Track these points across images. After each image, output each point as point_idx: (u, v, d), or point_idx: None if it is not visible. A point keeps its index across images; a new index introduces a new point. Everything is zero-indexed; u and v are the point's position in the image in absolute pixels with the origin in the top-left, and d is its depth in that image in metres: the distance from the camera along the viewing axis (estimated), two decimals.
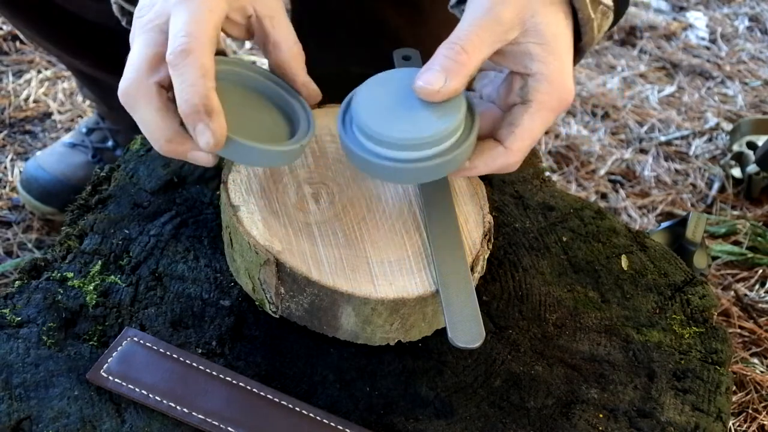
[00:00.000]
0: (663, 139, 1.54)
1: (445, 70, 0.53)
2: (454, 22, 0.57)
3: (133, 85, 0.55)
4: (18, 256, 1.15)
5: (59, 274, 0.62)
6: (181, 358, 0.57)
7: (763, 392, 1.03)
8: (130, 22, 0.68)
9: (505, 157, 0.57)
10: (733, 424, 0.99)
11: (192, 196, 0.70)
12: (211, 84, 0.52)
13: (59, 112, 1.43)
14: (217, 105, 0.52)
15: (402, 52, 0.70)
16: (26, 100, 1.44)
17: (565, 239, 0.71)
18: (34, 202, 1.20)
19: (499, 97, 0.60)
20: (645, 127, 1.57)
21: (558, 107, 0.56)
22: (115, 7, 0.66)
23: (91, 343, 0.58)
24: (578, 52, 0.63)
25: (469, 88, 0.63)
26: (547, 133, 1.52)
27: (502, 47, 0.55)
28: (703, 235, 1.09)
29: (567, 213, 0.74)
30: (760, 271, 1.22)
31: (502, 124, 0.57)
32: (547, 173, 0.81)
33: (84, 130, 1.25)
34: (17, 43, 1.57)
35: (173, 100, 0.54)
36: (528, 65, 0.56)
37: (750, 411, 1.01)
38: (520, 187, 0.76)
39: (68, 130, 1.38)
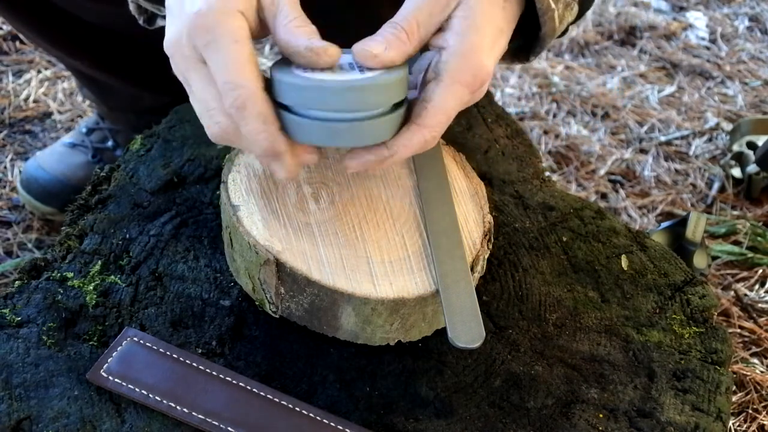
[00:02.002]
0: (663, 139, 1.54)
1: (386, 41, 0.54)
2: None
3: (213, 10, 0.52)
4: (18, 256, 1.15)
5: (59, 274, 0.62)
6: (181, 358, 0.57)
7: (763, 392, 1.03)
8: (147, 20, 0.68)
9: (421, 134, 0.56)
10: (733, 424, 0.99)
11: (192, 196, 0.70)
12: (273, 127, 0.52)
13: (59, 112, 1.43)
14: (284, 146, 0.53)
15: None
16: (26, 100, 1.44)
17: (565, 239, 0.71)
18: (34, 202, 1.20)
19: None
20: (645, 127, 1.57)
21: (472, 83, 0.55)
22: (131, 6, 0.66)
23: (91, 343, 0.58)
24: (539, 43, 0.63)
25: None
26: (546, 133, 1.52)
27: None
28: (703, 235, 1.09)
29: (567, 213, 0.74)
30: (760, 271, 1.22)
31: (416, 103, 0.57)
32: (547, 173, 0.81)
33: (84, 130, 1.25)
34: (17, 43, 1.57)
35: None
36: (447, 38, 0.55)
37: (750, 411, 1.01)
38: (520, 187, 0.76)
39: (68, 130, 1.38)
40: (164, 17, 0.56)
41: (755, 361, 1.08)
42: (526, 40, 0.63)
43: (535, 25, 0.61)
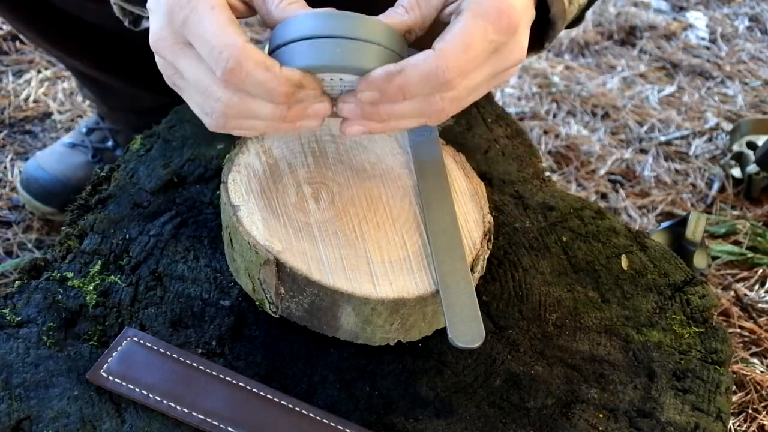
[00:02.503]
0: (663, 139, 1.54)
1: (410, 4, 0.53)
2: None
3: None
4: (18, 256, 1.15)
5: (59, 274, 0.62)
6: (181, 358, 0.57)
7: (763, 392, 1.03)
8: (132, 22, 0.68)
9: (435, 60, 0.50)
10: (733, 424, 0.99)
11: (192, 196, 0.70)
12: (277, 67, 0.50)
13: (59, 112, 1.43)
14: (298, 75, 0.50)
15: None
16: (26, 100, 1.44)
17: (565, 239, 0.71)
18: (34, 202, 1.20)
19: None
20: (645, 127, 1.57)
21: (497, 19, 0.51)
22: (115, 8, 0.66)
23: (91, 343, 0.58)
24: (550, 28, 0.61)
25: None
26: (546, 133, 1.52)
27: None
28: (703, 235, 1.09)
29: (567, 213, 0.74)
30: (760, 271, 1.22)
31: (437, 40, 0.53)
32: (547, 173, 0.81)
33: (84, 130, 1.25)
34: (17, 43, 1.57)
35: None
36: None
37: (750, 411, 1.01)
38: (520, 187, 0.76)
39: (68, 130, 1.38)
40: (149, 18, 0.55)
41: (755, 361, 1.08)
42: (540, 26, 0.61)
43: (545, 10, 0.59)
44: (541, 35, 0.62)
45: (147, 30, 0.69)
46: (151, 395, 0.54)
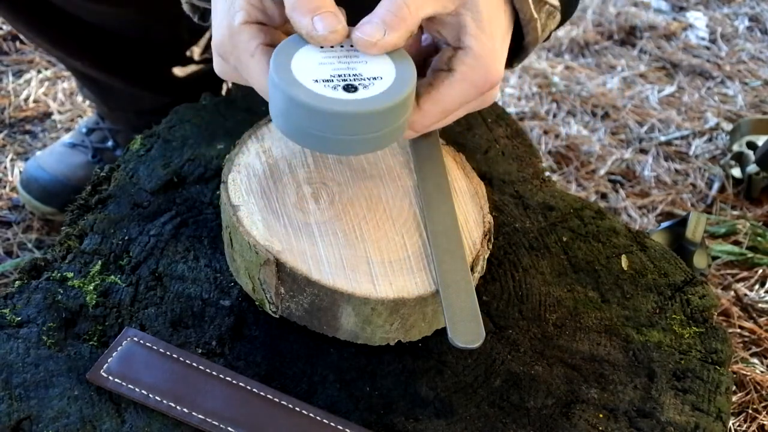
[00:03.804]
0: (663, 139, 1.54)
1: (384, 23, 0.53)
2: None
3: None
4: (18, 256, 1.15)
5: (59, 274, 0.62)
6: (181, 358, 0.57)
7: (763, 392, 1.03)
8: (201, 17, 0.69)
9: (415, 115, 0.57)
10: (733, 424, 0.99)
11: (192, 196, 0.70)
12: None
13: (59, 112, 1.43)
14: None
15: None
16: (26, 100, 1.45)
17: (565, 239, 0.71)
18: (34, 202, 1.20)
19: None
20: (645, 127, 1.57)
21: (482, 85, 0.56)
22: (186, 7, 0.67)
23: (91, 343, 0.58)
24: (522, 51, 0.63)
25: None
26: (546, 133, 1.52)
27: (441, 16, 0.55)
28: (703, 235, 1.09)
29: (567, 213, 0.74)
30: (760, 271, 1.22)
31: (421, 84, 0.57)
32: (547, 173, 0.81)
33: (84, 130, 1.25)
34: (17, 43, 1.57)
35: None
36: (461, 38, 0.56)
37: (750, 411, 1.01)
38: (520, 187, 0.76)
39: (68, 130, 1.38)
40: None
41: (755, 361, 1.08)
42: (510, 47, 0.63)
43: (518, 34, 0.61)
44: (512, 55, 0.64)
45: (149, 31, 0.70)
46: (151, 395, 0.54)
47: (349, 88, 0.52)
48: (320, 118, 0.52)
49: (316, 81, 0.52)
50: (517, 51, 0.63)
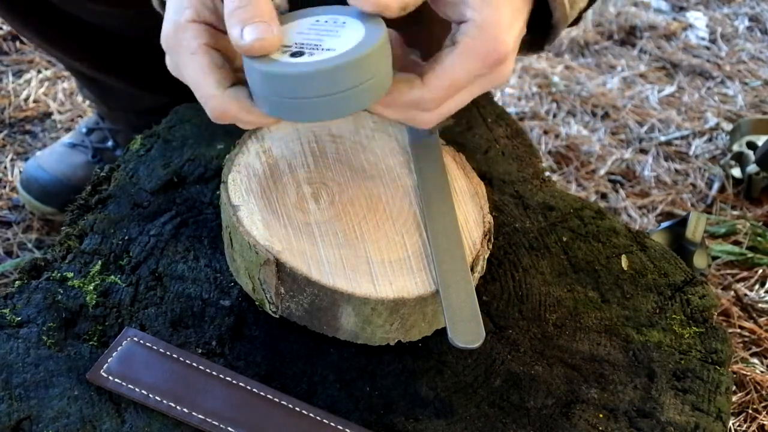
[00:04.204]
0: (663, 139, 1.54)
1: None
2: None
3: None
4: (18, 256, 1.15)
5: (59, 274, 0.62)
6: (181, 358, 0.57)
7: (763, 392, 1.03)
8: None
9: (420, 91, 0.55)
10: (733, 424, 0.99)
11: (192, 196, 0.70)
12: (256, 112, 0.54)
13: (59, 112, 1.43)
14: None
15: None
16: (26, 100, 1.44)
17: (565, 239, 0.71)
18: (34, 202, 1.20)
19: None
20: (645, 127, 1.57)
21: (486, 57, 0.54)
22: (155, 2, 0.66)
23: (91, 343, 0.58)
24: (552, 31, 0.62)
25: None
26: (546, 133, 1.52)
27: None
28: (703, 235, 1.09)
29: (567, 213, 0.74)
30: (760, 271, 1.22)
31: (428, 62, 0.56)
32: (547, 173, 0.81)
33: (84, 130, 1.25)
34: (17, 43, 1.57)
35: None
36: (463, 12, 0.54)
37: (750, 411, 1.01)
38: (520, 187, 0.76)
39: (68, 130, 1.38)
40: None
41: (755, 361, 1.08)
42: (541, 29, 0.62)
43: (547, 14, 0.60)
44: (541, 36, 0.63)
45: (150, 31, 0.70)
46: (151, 395, 0.54)
47: (296, 55, 0.52)
48: (294, 84, 0.51)
49: (278, 50, 0.52)
50: (546, 31, 0.62)
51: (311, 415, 0.55)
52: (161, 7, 0.67)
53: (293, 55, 0.52)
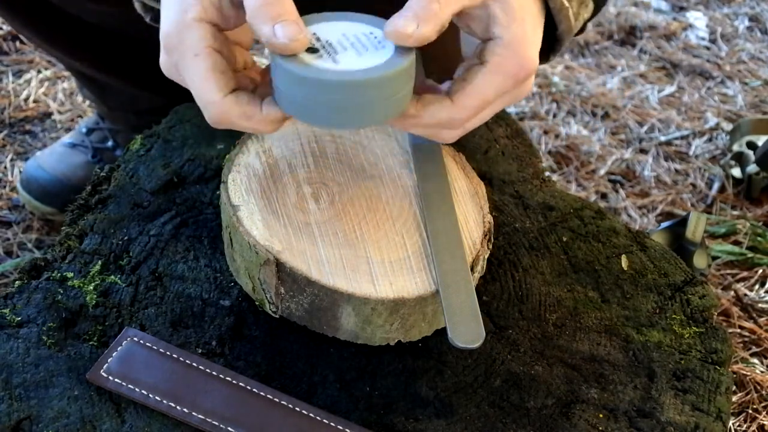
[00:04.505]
0: (663, 139, 1.54)
1: (417, 17, 0.52)
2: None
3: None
4: (18, 256, 1.15)
5: (59, 274, 0.62)
6: (181, 358, 0.57)
7: (763, 392, 1.03)
8: (153, 19, 0.68)
9: (450, 111, 0.55)
10: (733, 424, 0.99)
11: (192, 196, 0.70)
12: (258, 117, 0.53)
13: (59, 112, 1.43)
14: (278, 122, 0.54)
15: None
16: (26, 100, 1.44)
17: (565, 239, 0.71)
18: (34, 202, 1.20)
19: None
20: (645, 127, 1.57)
21: (516, 74, 0.55)
22: (137, 5, 0.66)
23: (91, 343, 0.58)
24: (557, 43, 0.62)
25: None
26: (546, 133, 1.52)
27: (470, 8, 0.54)
28: (703, 235, 1.09)
29: (567, 213, 0.74)
30: (760, 271, 1.22)
31: (455, 81, 0.56)
32: (547, 173, 0.81)
33: (84, 130, 1.25)
34: (17, 43, 1.57)
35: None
36: (491, 29, 0.55)
37: (750, 411, 1.01)
38: (520, 187, 0.76)
39: (68, 130, 1.38)
40: None
41: (755, 361, 1.08)
42: (546, 41, 0.62)
43: (551, 25, 0.60)
44: (547, 48, 0.63)
45: (150, 31, 0.69)
46: (151, 395, 0.54)
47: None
48: (324, 89, 0.51)
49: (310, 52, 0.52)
50: (551, 43, 0.62)
51: (311, 415, 0.55)
52: (145, 11, 0.66)
53: (319, 55, 0.52)
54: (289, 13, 0.51)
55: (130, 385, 0.55)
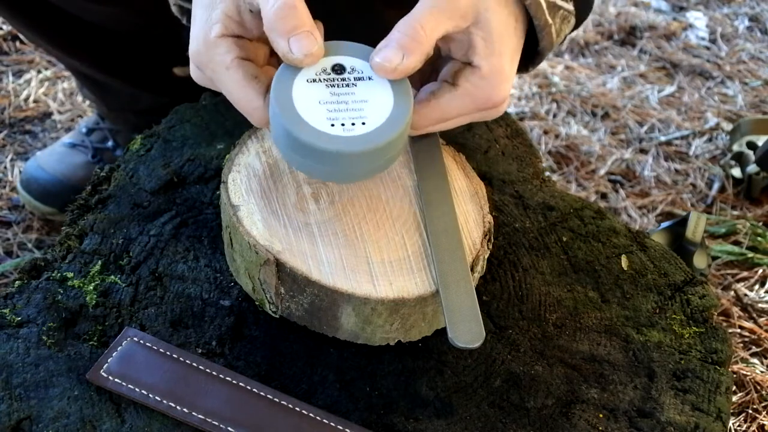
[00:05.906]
0: (663, 139, 1.54)
1: (402, 47, 0.53)
2: None
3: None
4: (18, 256, 1.15)
5: (59, 274, 0.62)
6: (181, 358, 0.57)
7: (763, 392, 1.03)
8: (189, 21, 0.69)
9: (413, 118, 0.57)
10: (733, 424, 0.99)
11: (192, 196, 0.70)
12: None
13: (59, 112, 1.43)
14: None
15: None
16: (26, 100, 1.44)
17: (565, 239, 0.71)
18: (34, 202, 1.20)
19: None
20: (645, 127, 1.57)
21: (483, 104, 0.57)
22: (174, 9, 0.67)
23: (91, 343, 0.58)
24: (537, 56, 0.63)
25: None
26: (546, 133, 1.52)
27: (452, 33, 0.55)
28: (703, 235, 1.09)
29: (567, 213, 0.74)
30: (760, 271, 1.22)
31: (423, 90, 0.58)
32: (547, 173, 0.81)
33: (84, 130, 1.25)
34: (17, 43, 1.57)
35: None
36: (470, 56, 0.56)
37: (750, 411, 1.01)
38: (520, 187, 0.76)
39: (68, 130, 1.38)
40: None
41: (755, 361, 1.08)
42: (526, 52, 0.63)
43: (533, 40, 0.61)
44: (527, 59, 0.64)
45: (150, 31, 0.69)
46: (151, 395, 0.54)
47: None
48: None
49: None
50: (531, 56, 0.63)
51: (311, 415, 0.55)
52: (181, 13, 0.67)
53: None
54: (304, 24, 0.52)
55: (130, 385, 0.55)
